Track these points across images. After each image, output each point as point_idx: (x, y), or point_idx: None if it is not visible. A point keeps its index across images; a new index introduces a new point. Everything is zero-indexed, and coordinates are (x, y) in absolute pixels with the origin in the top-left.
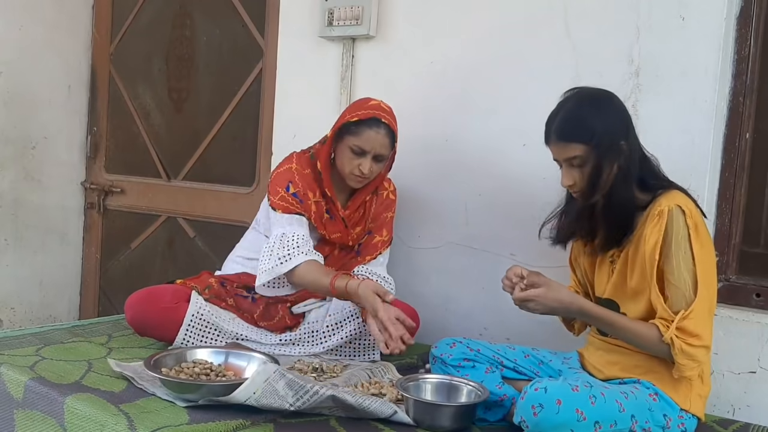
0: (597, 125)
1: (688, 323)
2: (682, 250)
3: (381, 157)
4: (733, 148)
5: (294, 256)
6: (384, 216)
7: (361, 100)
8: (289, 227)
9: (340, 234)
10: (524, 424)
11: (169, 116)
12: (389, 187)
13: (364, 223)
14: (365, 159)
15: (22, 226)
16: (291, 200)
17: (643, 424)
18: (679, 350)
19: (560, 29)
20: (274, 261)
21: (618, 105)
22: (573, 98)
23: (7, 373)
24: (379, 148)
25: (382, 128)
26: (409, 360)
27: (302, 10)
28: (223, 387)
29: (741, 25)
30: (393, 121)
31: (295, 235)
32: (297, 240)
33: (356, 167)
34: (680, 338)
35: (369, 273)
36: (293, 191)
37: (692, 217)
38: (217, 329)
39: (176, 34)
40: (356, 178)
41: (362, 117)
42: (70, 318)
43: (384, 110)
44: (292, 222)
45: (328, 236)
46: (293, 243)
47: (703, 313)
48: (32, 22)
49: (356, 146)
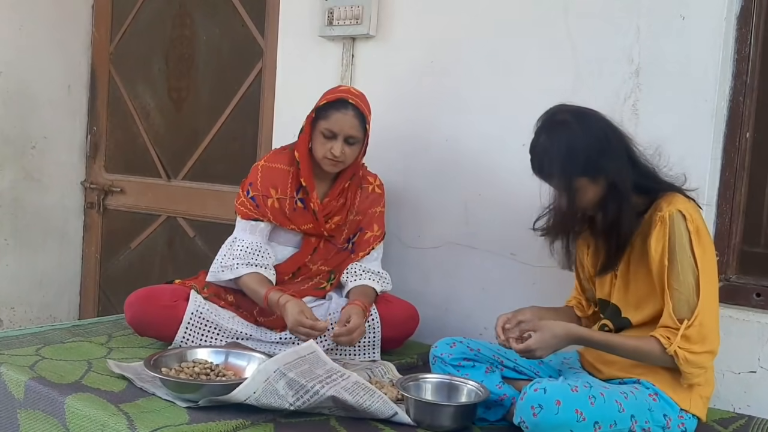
0: (566, 155)
1: (692, 330)
2: (685, 256)
3: (352, 139)
4: (733, 148)
5: (234, 267)
6: (372, 211)
7: (332, 88)
8: (241, 233)
9: (312, 225)
10: (524, 424)
11: (168, 116)
12: (374, 181)
13: (345, 213)
14: (336, 142)
15: (22, 226)
16: (249, 205)
17: (642, 424)
18: (684, 360)
19: (560, 29)
20: (218, 267)
21: (596, 127)
22: (544, 129)
23: (7, 373)
24: (348, 129)
25: (350, 109)
26: (409, 360)
27: (302, 9)
28: (223, 387)
29: (741, 25)
30: (362, 103)
31: (243, 243)
32: (243, 249)
33: (328, 150)
34: (684, 348)
35: (363, 270)
36: (252, 194)
37: (693, 222)
38: (216, 327)
39: (176, 34)
40: (329, 162)
41: (330, 100)
42: (69, 318)
43: (352, 93)
44: (246, 228)
45: (298, 228)
46: (239, 252)
47: (707, 317)
48: (32, 22)
49: (326, 129)
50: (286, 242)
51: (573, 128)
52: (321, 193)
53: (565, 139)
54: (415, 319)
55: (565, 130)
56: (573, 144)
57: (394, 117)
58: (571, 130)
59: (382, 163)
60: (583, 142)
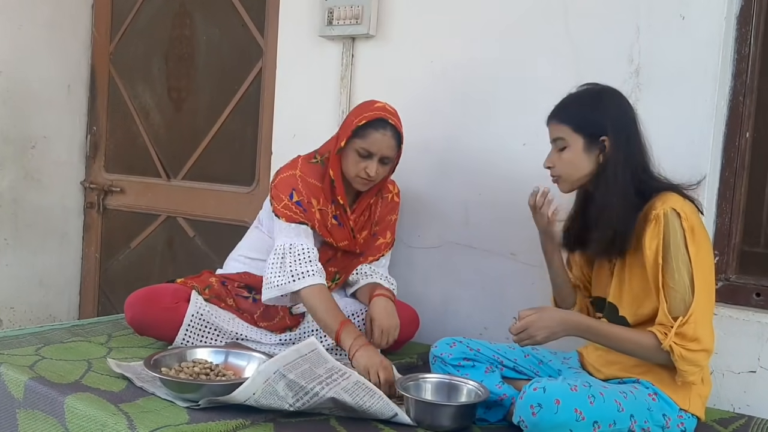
0: (585, 113)
1: (687, 328)
2: (680, 254)
3: (387, 159)
4: (733, 147)
5: (307, 275)
6: (388, 219)
7: (365, 103)
8: (296, 239)
9: (348, 242)
10: (523, 424)
11: (168, 116)
12: (394, 189)
13: (369, 226)
14: (371, 161)
15: (22, 226)
16: (295, 209)
17: (642, 423)
18: (680, 357)
19: (560, 29)
20: (287, 277)
21: (617, 103)
22: (583, 88)
23: (7, 373)
24: (386, 150)
25: (389, 129)
26: (409, 360)
27: (302, 9)
28: (223, 387)
29: (741, 25)
30: (398, 123)
31: (303, 248)
32: (308, 255)
33: (362, 170)
34: (679, 345)
35: (373, 272)
36: (297, 199)
37: (688, 220)
38: (216, 329)
39: (176, 34)
40: (362, 181)
41: (368, 119)
42: (69, 317)
43: (389, 112)
44: (299, 233)
45: (336, 243)
46: (305, 258)
47: (702, 316)
48: (32, 22)
49: (363, 149)
50: None
51: (606, 95)
52: (348, 208)
53: (601, 97)
54: (416, 323)
55: (598, 94)
56: (600, 104)
57: None
58: (604, 95)
59: None
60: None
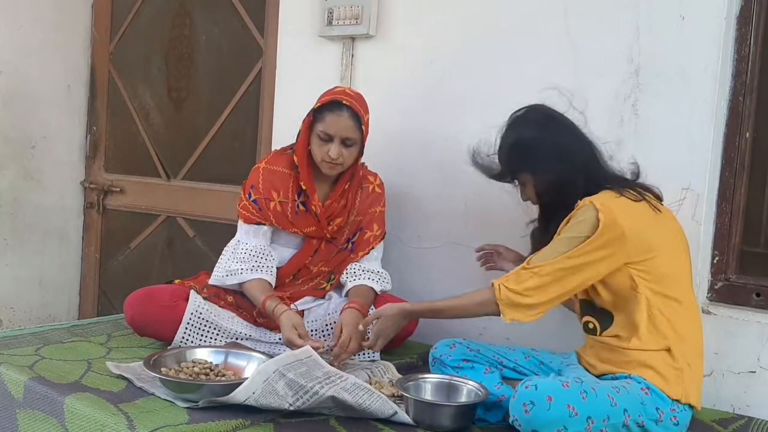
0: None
1: (528, 274)
2: (573, 232)
3: (349, 140)
4: (733, 147)
5: (239, 273)
6: (372, 211)
7: (329, 89)
8: (244, 236)
9: (314, 227)
10: (517, 422)
11: (168, 116)
12: (375, 180)
13: (346, 214)
14: (333, 144)
15: (22, 226)
16: (251, 208)
17: (636, 417)
18: (500, 293)
19: (560, 29)
20: (222, 272)
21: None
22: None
23: (6, 373)
24: (344, 131)
25: (345, 110)
26: (409, 360)
27: (302, 9)
28: (223, 387)
29: (741, 25)
30: (356, 104)
31: (247, 246)
32: (248, 253)
33: (325, 153)
34: (507, 287)
35: (362, 270)
36: (254, 197)
37: (604, 213)
38: (216, 328)
39: (176, 34)
40: (327, 164)
41: (324, 102)
42: (69, 318)
43: (347, 94)
44: (249, 232)
45: (300, 231)
46: (243, 256)
47: (547, 278)
48: (32, 22)
49: (322, 132)
50: (287, 244)
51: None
52: (322, 196)
53: (514, 135)
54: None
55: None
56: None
57: (394, 117)
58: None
59: (382, 163)
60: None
